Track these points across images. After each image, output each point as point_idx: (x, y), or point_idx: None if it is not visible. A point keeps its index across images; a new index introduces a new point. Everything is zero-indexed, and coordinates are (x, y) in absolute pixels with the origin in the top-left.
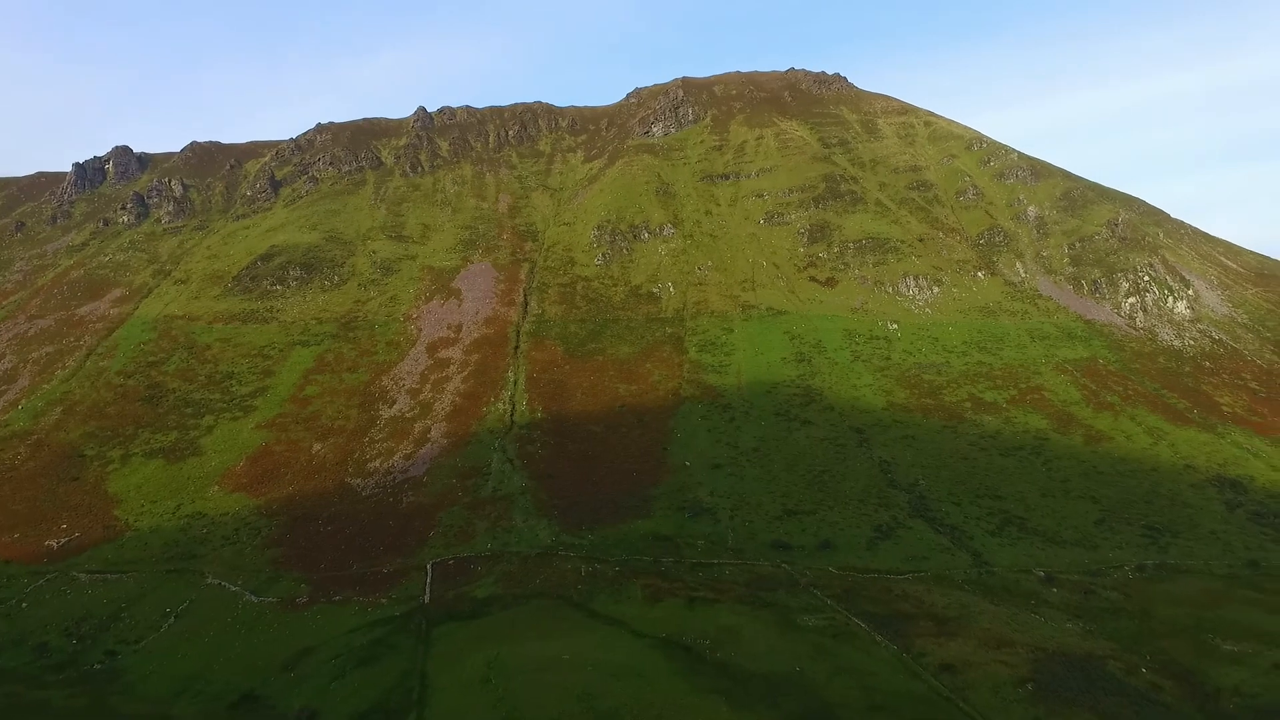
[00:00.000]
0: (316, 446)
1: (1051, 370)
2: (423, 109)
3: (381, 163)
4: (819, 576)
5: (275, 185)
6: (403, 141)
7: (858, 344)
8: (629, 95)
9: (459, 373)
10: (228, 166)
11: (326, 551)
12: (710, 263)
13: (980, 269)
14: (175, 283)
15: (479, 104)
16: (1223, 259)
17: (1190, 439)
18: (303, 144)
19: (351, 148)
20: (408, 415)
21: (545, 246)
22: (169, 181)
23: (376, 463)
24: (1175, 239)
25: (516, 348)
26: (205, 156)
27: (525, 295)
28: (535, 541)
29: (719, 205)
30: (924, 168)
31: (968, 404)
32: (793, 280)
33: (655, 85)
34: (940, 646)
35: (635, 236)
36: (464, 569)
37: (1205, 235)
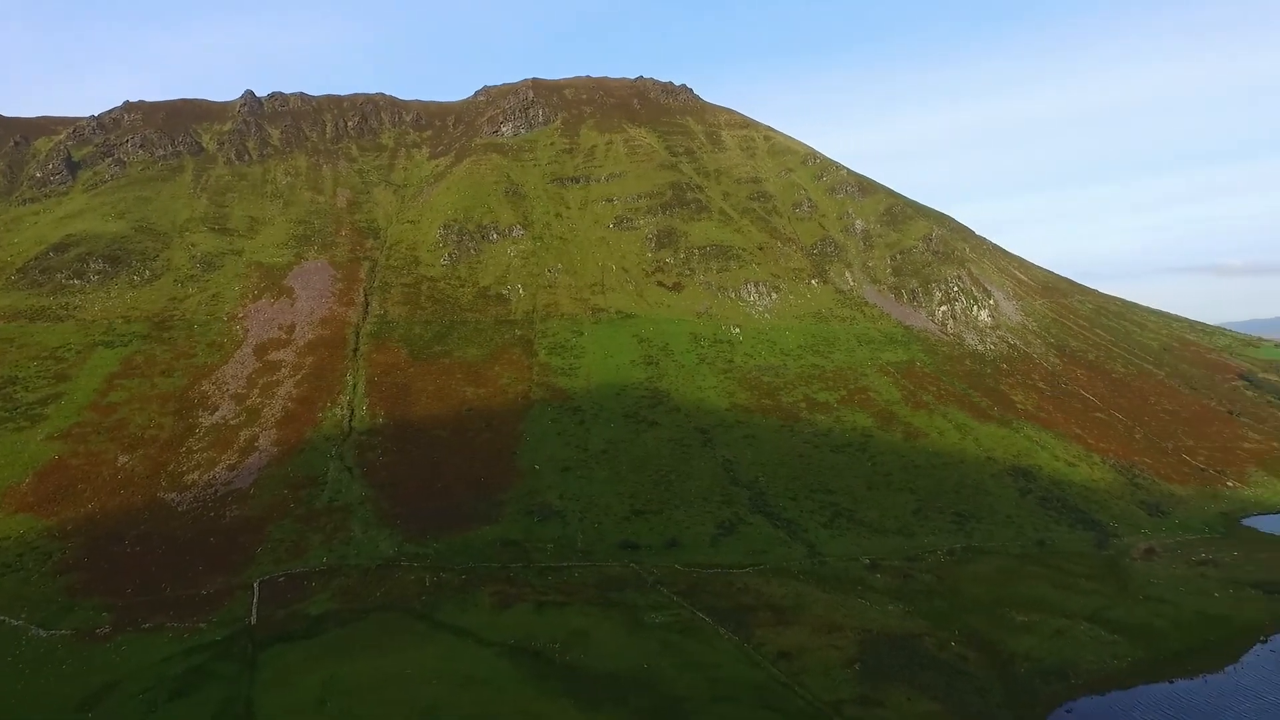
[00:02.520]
0: (123, 459)
1: (876, 372)
2: (250, 93)
3: (203, 149)
4: (666, 574)
5: (73, 167)
6: (227, 127)
7: (703, 347)
8: (477, 93)
9: (291, 376)
10: (11, 143)
11: (134, 575)
12: (560, 265)
13: (814, 277)
14: None
15: (315, 92)
16: (1017, 273)
17: (991, 434)
18: (107, 123)
19: (167, 130)
20: (232, 422)
21: (388, 245)
22: None
23: (195, 475)
24: (979, 254)
25: (356, 350)
26: None
27: (366, 295)
28: (376, 553)
29: (569, 208)
30: (764, 180)
31: (803, 404)
32: (641, 284)
33: (505, 85)
34: (778, 635)
35: (484, 237)
36: (297, 586)
37: (1003, 251)
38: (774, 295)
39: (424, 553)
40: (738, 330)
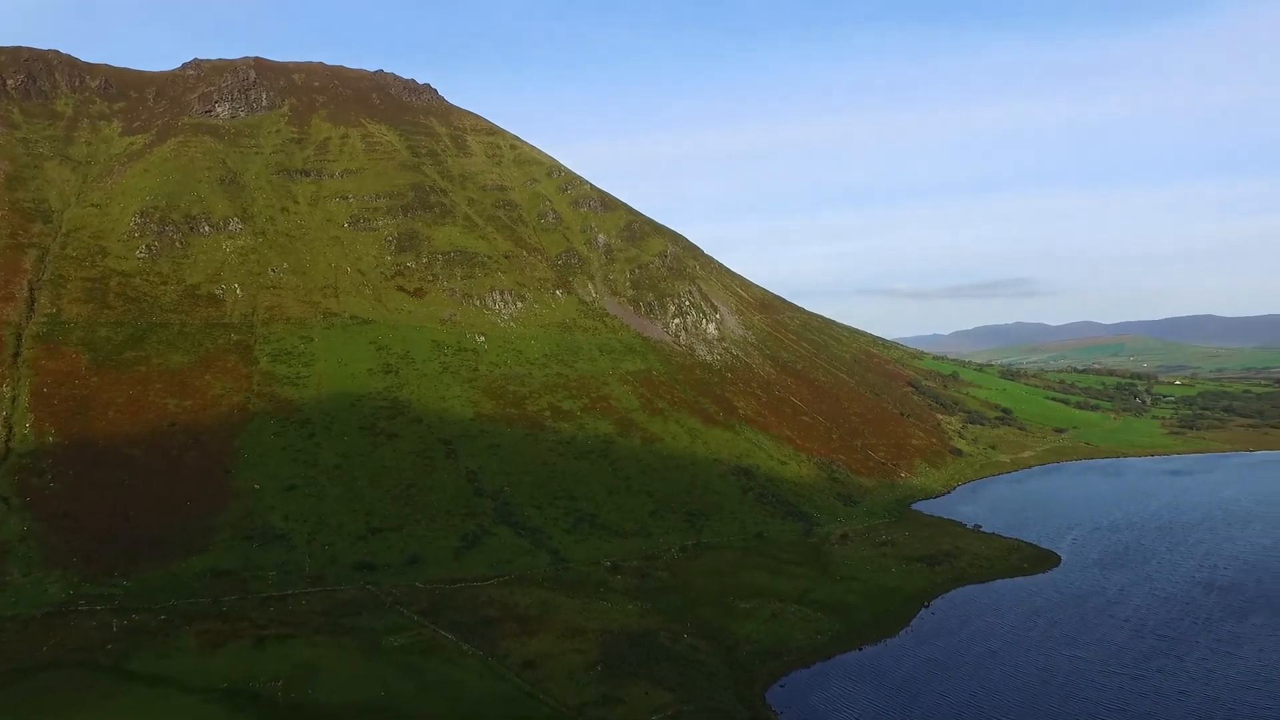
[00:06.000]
0: None
1: (617, 381)
2: None
3: None
4: (406, 593)
5: None
6: None
7: (446, 355)
8: (186, 65)
9: None
10: None
11: None
12: (287, 265)
13: (559, 287)
14: None
15: None
16: (739, 290)
17: (718, 437)
18: None
19: None
20: None
21: (64, 231)
22: None
23: None
24: (708, 271)
25: (17, 355)
26: None
27: (32, 289)
28: (43, 599)
29: (298, 203)
30: (510, 188)
31: (548, 412)
32: (380, 289)
33: (221, 60)
34: (523, 645)
35: (192, 229)
36: None
37: (727, 270)
38: (520, 304)
39: (110, 593)
40: (483, 338)
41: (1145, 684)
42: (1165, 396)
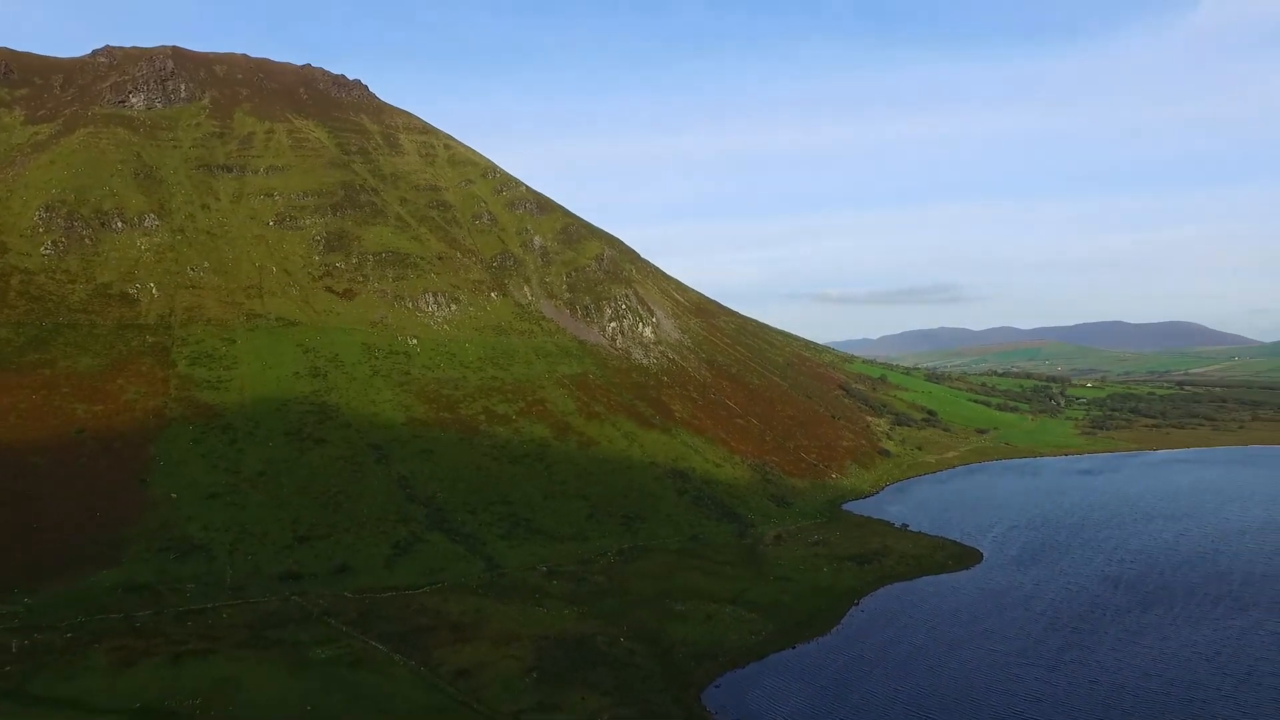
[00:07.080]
0: None
1: (553, 384)
2: None
3: None
4: (334, 604)
5: None
6: None
7: (377, 358)
8: (97, 52)
9: None
10: None
11: None
12: (207, 264)
13: (494, 290)
14: None
15: None
16: (675, 294)
17: (654, 440)
18: None
19: None
20: None
21: None
22: None
23: None
24: (644, 275)
25: None
26: None
27: None
28: None
29: (219, 200)
30: (444, 189)
31: (482, 416)
32: (307, 290)
33: (135, 48)
34: (456, 653)
35: (104, 224)
36: None
37: (664, 273)
38: (454, 306)
39: (11, 611)
40: (415, 341)
41: (1059, 674)
42: (1078, 399)
